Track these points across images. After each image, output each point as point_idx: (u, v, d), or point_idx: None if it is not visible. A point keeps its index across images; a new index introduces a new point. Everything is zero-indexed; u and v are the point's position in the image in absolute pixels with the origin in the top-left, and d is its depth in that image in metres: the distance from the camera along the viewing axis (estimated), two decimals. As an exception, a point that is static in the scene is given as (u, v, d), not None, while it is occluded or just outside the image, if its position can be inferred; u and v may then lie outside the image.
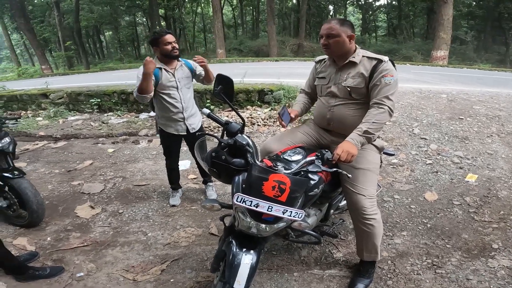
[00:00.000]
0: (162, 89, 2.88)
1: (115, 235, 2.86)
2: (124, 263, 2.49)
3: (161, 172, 4.09)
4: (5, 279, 2.30)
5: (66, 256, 2.58)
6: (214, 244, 2.67)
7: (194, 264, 2.47)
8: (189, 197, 3.48)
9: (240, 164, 1.68)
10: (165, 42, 2.76)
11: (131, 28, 31.59)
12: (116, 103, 7.25)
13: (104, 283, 2.29)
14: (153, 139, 5.46)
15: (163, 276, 2.35)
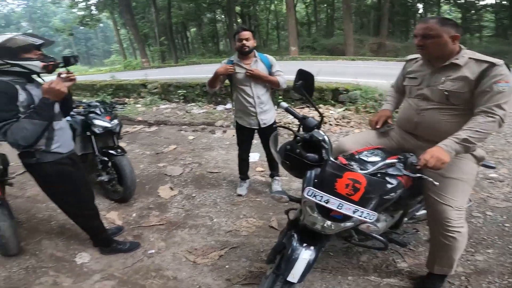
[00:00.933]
0: (237, 84, 2.86)
1: (186, 217, 2.95)
2: (189, 245, 2.55)
3: (232, 162, 4.12)
4: (91, 250, 2.50)
5: (144, 233, 2.73)
6: (272, 237, 2.58)
7: (250, 254, 2.41)
8: (255, 188, 3.44)
9: (314, 159, 1.60)
10: (238, 38, 2.73)
11: (212, 24, 32.05)
12: (198, 94, 7.56)
13: (168, 262, 2.36)
14: (227, 130, 5.55)
15: (220, 262, 2.34)
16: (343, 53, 18.37)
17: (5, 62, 1.70)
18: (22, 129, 1.66)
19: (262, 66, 2.84)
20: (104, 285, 2.14)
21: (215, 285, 2.13)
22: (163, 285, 2.15)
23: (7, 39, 1.69)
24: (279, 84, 2.84)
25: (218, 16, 32.94)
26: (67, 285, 2.15)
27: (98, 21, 28.53)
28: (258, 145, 4.16)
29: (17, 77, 1.76)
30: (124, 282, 2.17)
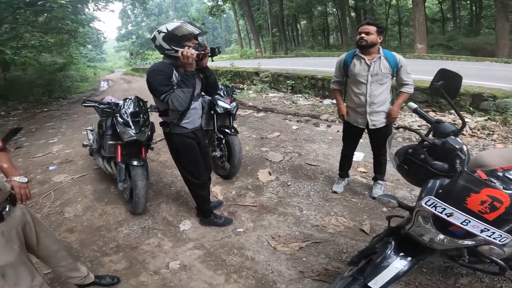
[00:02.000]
0: (352, 78, 2.53)
1: (277, 204, 2.83)
2: (274, 230, 2.42)
3: (332, 158, 3.77)
4: (193, 219, 2.65)
5: (238, 211, 2.75)
6: (359, 241, 2.24)
7: (331, 252, 2.15)
8: (352, 188, 3.04)
9: (442, 168, 1.35)
10: (359, 31, 2.41)
11: (323, 18, 29.87)
12: (306, 86, 7.26)
13: (251, 243, 2.29)
14: (332, 124, 5.11)
15: (298, 253, 2.15)
16: (492, 55, 14.54)
17: (171, 48, 1.95)
18: (178, 98, 1.94)
19: (385, 65, 2.42)
20: (193, 253, 2.22)
21: (287, 274, 1.98)
22: (240, 263, 2.10)
23: (175, 27, 1.93)
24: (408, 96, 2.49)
25: (329, 9, 30.67)
26: (167, 248, 2.31)
27: (222, 12, 30.56)
28: (364, 145, 3.74)
29: (173, 61, 2.01)
30: (210, 253, 2.21)
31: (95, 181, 3.57)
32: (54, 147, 5.25)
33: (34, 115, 9.44)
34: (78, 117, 8.29)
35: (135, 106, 2.77)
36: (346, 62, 2.54)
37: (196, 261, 2.14)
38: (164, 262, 2.15)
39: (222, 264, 2.10)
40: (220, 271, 2.04)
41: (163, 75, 1.96)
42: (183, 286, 1.93)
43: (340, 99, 2.74)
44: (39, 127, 7.38)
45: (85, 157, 4.42)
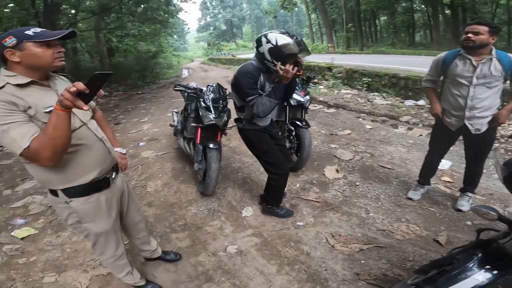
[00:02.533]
0: (451, 79, 2.29)
1: (342, 202, 2.75)
2: (334, 229, 2.38)
3: (410, 163, 3.45)
4: (255, 207, 2.77)
5: (299, 205, 2.76)
6: (431, 251, 2.09)
7: (394, 258, 2.03)
8: (432, 197, 2.75)
9: None
10: (465, 30, 2.16)
11: (408, 14, 26.70)
12: (385, 85, 6.67)
13: (309, 238, 2.30)
14: (413, 127, 4.61)
15: (357, 255, 2.09)
16: None
17: (273, 62, 2.00)
18: (263, 105, 2.04)
19: (497, 67, 2.11)
20: (251, 240, 2.33)
21: (341, 273, 1.95)
22: (294, 256, 2.13)
23: (284, 44, 1.93)
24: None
25: (416, 5, 27.45)
26: (227, 232, 2.46)
27: (294, 5, 29.78)
28: (453, 153, 3.42)
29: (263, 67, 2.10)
30: (266, 243, 2.29)
31: (174, 160, 3.99)
32: (145, 125, 6.03)
33: (130, 96, 10.92)
34: (164, 100, 9.30)
35: (216, 93, 2.98)
36: (446, 61, 2.30)
37: (252, 248, 2.25)
38: (223, 245, 2.30)
39: (277, 254, 2.17)
40: (273, 261, 2.11)
41: (252, 79, 2.05)
42: (236, 270, 2.05)
43: (435, 98, 2.48)
44: (134, 107, 8.53)
45: (168, 136, 4.97)
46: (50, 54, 1.18)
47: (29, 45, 1.14)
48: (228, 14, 58.38)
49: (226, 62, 25.12)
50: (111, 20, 14.45)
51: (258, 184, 3.20)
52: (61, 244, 2.41)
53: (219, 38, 57.96)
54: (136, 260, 2.16)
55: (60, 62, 1.23)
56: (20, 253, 2.33)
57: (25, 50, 1.14)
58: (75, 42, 13.51)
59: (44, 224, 2.71)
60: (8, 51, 1.13)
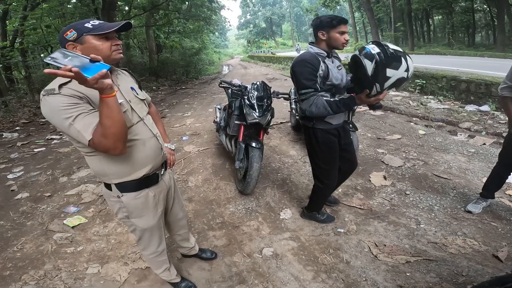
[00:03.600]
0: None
1: (389, 211, 2.62)
2: (379, 238, 2.28)
3: (471, 173, 3.18)
4: (294, 209, 2.76)
5: (341, 210, 2.69)
6: (488, 267, 1.94)
7: (445, 272, 1.91)
8: (494, 211, 2.52)
9: None
10: None
11: (468, 14, 24.58)
12: (442, 88, 6.18)
13: (350, 246, 2.23)
14: (476, 135, 4.20)
15: (403, 267, 1.98)
16: None
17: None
18: (316, 106, 1.90)
19: None
20: (288, 244, 2.31)
21: (382, 285, 1.86)
22: (333, 264, 2.08)
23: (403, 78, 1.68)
24: None
25: (478, 5, 25.20)
26: (264, 233, 2.47)
27: (337, 3, 28.76)
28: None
29: (323, 51, 1.97)
30: (303, 247, 2.26)
31: (215, 156, 4.11)
32: (188, 120, 6.30)
33: (175, 91, 11.46)
34: (206, 95, 9.61)
35: (261, 91, 2.99)
36: None
37: (288, 252, 2.23)
38: (259, 246, 2.31)
39: (314, 261, 2.13)
40: (310, 267, 2.07)
41: (310, 68, 1.89)
42: (270, 274, 2.04)
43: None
44: (178, 101, 8.95)
45: (210, 131, 5.14)
46: (109, 47, 1.20)
47: (89, 38, 1.17)
48: (268, 11, 58.79)
49: (266, 60, 25.23)
50: (159, 17, 15.29)
51: (297, 186, 3.18)
52: (107, 235, 2.57)
53: (258, 35, 58.60)
54: (173, 256, 2.24)
55: (119, 54, 1.26)
56: (69, 242, 2.50)
57: (85, 43, 1.17)
58: (128, 38, 14.51)
59: (94, 213, 2.91)
60: (70, 44, 1.16)
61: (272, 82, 11.39)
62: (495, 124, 4.49)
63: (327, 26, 1.90)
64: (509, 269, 1.84)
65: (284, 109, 6.18)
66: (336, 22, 1.88)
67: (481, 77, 5.62)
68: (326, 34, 1.92)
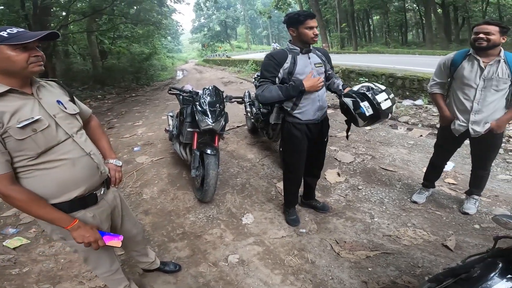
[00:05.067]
0: (458, 81, 2.24)
1: (345, 207, 2.69)
2: (339, 235, 2.33)
3: (413, 164, 3.42)
4: (255, 213, 2.72)
5: (301, 210, 2.70)
6: (440, 257, 2.04)
7: (402, 265, 1.99)
8: (437, 200, 2.71)
9: None
10: (475, 31, 2.08)
11: (401, 13, 27.34)
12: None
13: (314, 246, 2.24)
14: (413, 128, 4.56)
15: (364, 262, 2.03)
16: None
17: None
18: (269, 91, 1.99)
19: (504, 69, 2.07)
20: (253, 249, 2.26)
21: (348, 282, 1.89)
22: (299, 265, 2.07)
23: None
24: None
25: (408, 5, 27.99)
26: (228, 240, 2.39)
27: (289, 5, 29.54)
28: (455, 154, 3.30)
29: (295, 48, 2.05)
30: (269, 251, 2.22)
31: (170, 165, 3.91)
32: (139, 129, 5.94)
33: (124, 99, 10.80)
34: (159, 103, 9.20)
35: (213, 96, 2.90)
36: (455, 62, 2.23)
37: (254, 257, 2.18)
38: (224, 254, 2.23)
39: (281, 263, 2.10)
40: (277, 271, 2.04)
41: (272, 62, 2.00)
42: (238, 281, 1.98)
43: (443, 104, 2.41)
44: (127, 110, 8.43)
45: (163, 140, 4.89)
46: (25, 58, 1.07)
47: (2, 48, 1.03)
48: (222, 15, 58.34)
49: (221, 63, 25.02)
50: (103, 22, 14.36)
51: (257, 190, 3.14)
52: (54, 255, 2.34)
53: (213, 39, 57.91)
54: (134, 272, 2.09)
55: (38, 67, 1.12)
56: (12, 264, 2.26)
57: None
58: (66, 44, 13.37)
59: (37, 233, 2.62)
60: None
61: (228, 86, 11.30)
62: (428, 116, 4.90)
63: (295, 23, 1.95)
64: (460, 259, 1.94)
65: (239, 113, 6.12)
66: (303, 17, 1.93)
67: (414, 74, 6.10)
68: (295, 30, 1.98)
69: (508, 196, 2.70)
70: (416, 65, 8.04)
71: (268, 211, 2.75)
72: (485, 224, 2.35)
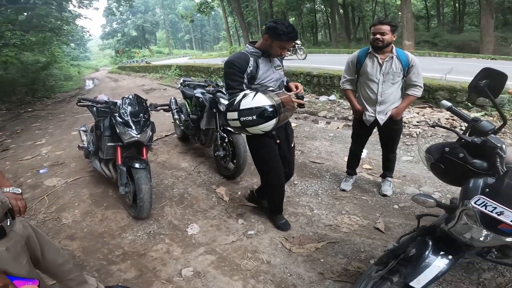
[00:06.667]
0: (364, 77, 2.49)
1: (286, 204, 2.70)
2: (286, 232, 2.34)
3: (335, 155, 3.72)
4: (200, 222, 2.58)
5: (246, 212, 2.65)
6: (376, 239, 2.20)
7: (348, 251, 2.09)
8: (360, 186, 2.98)
9: (481, 166, 1.35)
10: (373, 31, 2.35)
11: (312, 14, 29.82)
12: (301, 83, 7.28)
13: (265, 246, 2.21)
14: (331, 121, 5.03)
15: (315, 254, 2.08)
16: (477, 51, 14.77)
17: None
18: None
19: (397, 64, 2.37)
20: (205, 259, 2.11)
21: (306, 276, 1.91)
22: (256, 267, 2.01)
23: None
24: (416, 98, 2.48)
25: (318, 6, 30.60)
26: (177, 254, 2.19)
27: (211, 9, 29.96)
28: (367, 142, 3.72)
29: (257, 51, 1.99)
30: (223, 258, 2.11)
31: (91, 184, 3.39)
32: (43, 148, 5.00)
33: (18, 115, 9.03)
34: (65, 117, 7.96)
35: (135, 105, 2.63)
36: (360, 60, 2.49)
37: (209, 267, 2.04)
38: (176, 269, 2.03)
39: (237, 269, 2.00)
40: (236, 277, 1.94)
41: (234, 69, 1.92)
42: (199, 294, 1.82)
43: (353, 99, 2.66)
44: (24, 128, 7.06)
45: (78, 159, 4.22)
46: None
47: None
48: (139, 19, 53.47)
49: (140, 70, 22.93)
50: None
51: (197, 198, 2.97)
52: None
53: (129, 44, 52.94)
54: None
55: None
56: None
57: None
58: None
59: None
60: None
61: (150, 93, 10.52)
62: (342, 110, 5.44)
63: (275, 36, 1.88)
64: (392, 240, 2.14)
65: (167, 121, 5.73)
66: (286, 38, 1.88)
67: (326, 72, 6.72)
68: (270, 40, 1.91)
69: (413, 175, 3.13)
70: (327, 63, 8.79)
71: (213, 218, 2.62)
72: (402, 204, 2.65)
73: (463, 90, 4.73)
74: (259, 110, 1.71)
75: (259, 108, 1.71)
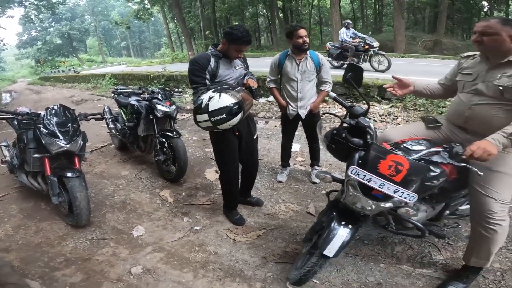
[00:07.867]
0: (285, 77, 2.82)
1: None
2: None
3: (273, 151, 4.03)
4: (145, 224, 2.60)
5: (191, 211, 2.77)
6: (308, 222, 2.49)
7: (286, 236, 2.35)
8: (294, 176, 3.31)
9: (359, 143, 1.62)
10: (298, 35, 2.65)
11: (254, 19, 30.30)
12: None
13: (211, 238, 2.36)
14: (269, 121, 5.41)
15: (258, 241, 2.30)
16: (392, 50, 16.26)
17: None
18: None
19: (310, 64, 2.76)
20: (154, 257, 2.19)
21: (251, 261, 2.10)
22: (204, 258, 2.15)
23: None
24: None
25: (260, 10, 31.04)
26: (124, 255, 2.22)
27: (150, 15, 28.60)
28: (299, 137, 4.07)
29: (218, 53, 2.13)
30: (171, 254, 2.21)
31: (20, 200, 3.14)
32: (-46, 168, 4.31)
33: None
34: (-23, 132, 6.91)
35: (61, 115, 2.58)
36: (281, 62, 2.83)
37: (159, 263, 2.12)
38: (125, 268, 2.07)
39: (187, 262, 2.13)
40: (186, 269, 2.06)
41: (196, 66, 2.05)
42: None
43: (278, 95, 2.98)
44: None
45: (2, 176, 3.76)
46: None
47: None
48: (64, 27, 47.26)
49: (68, 80, 20.33)
50: None
51: (141, 203, 2.99)
52: None
53: (52, 53, 46.34)
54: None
55: None
56: None
57: None
58: None
59: None
60: None
61: (81, 105, 9.74)
62: (279, 110, 5.77)
63: (232, 40, 2.03)
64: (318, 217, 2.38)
65: (102, 132, 5.46)
66: (240, 42, 2.03)
67: (265, 74, 7.06)
68: (227, 44, 2.06)
69: (338, 162, 3.44)
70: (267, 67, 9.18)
71: (158, 219, 2.69)
72: (329, 189, 2.97)
73: (374, 85, 5.50)
74: (227, 109, 1.86)
75: (227, 107, 1.86)
